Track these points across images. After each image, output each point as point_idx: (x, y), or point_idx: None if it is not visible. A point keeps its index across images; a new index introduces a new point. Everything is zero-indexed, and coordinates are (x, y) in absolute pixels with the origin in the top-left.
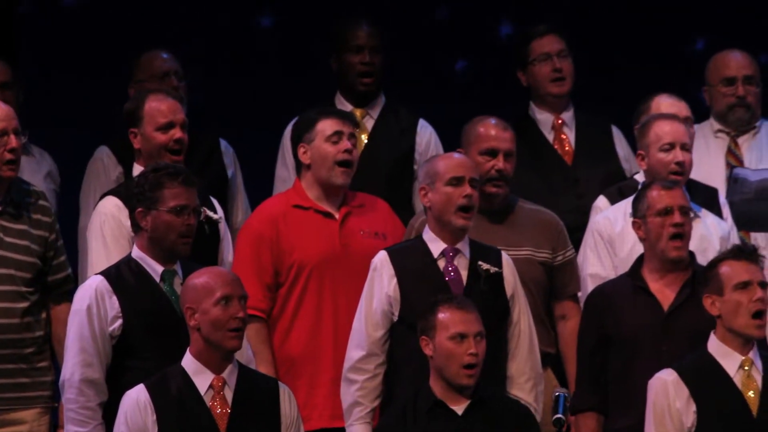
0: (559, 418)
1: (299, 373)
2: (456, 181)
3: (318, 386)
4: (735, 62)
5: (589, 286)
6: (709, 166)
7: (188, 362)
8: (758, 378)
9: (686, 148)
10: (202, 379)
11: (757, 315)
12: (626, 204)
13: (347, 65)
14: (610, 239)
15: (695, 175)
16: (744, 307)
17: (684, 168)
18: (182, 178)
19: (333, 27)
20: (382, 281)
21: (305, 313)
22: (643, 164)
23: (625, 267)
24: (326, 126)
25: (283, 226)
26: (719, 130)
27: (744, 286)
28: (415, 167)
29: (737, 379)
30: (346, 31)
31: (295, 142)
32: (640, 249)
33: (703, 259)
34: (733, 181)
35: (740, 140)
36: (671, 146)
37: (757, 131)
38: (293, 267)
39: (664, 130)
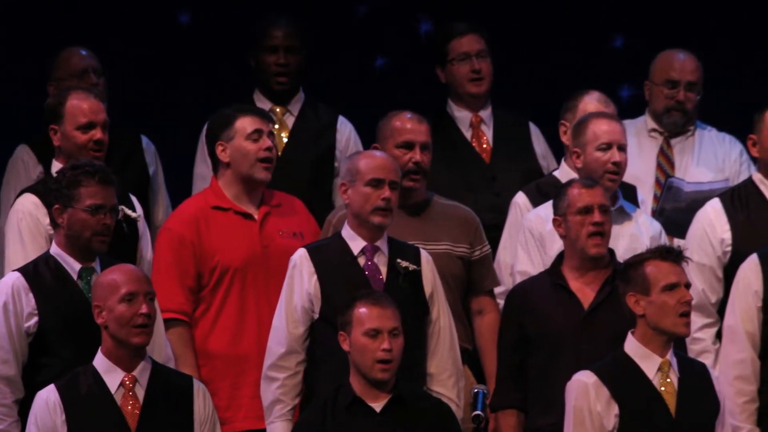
0: (478, 415)
1: (223, 374)
2: (376, 183)
3: (242, 387)
4: (680, 66)
5: (518, 283)
6: (640, 165)
7: (99, 361)
8: (675, 380)
9: (623, 148)
10: (113, 378)
11: (684, 315)
12: None
13: (263, 64)
14: (541, 237)
15: (626, 171)
16: (672, 308)
17: (620, 168)
18: (99, 176)
19: (251, 25)
20: (302, 278)
21: (228, 314)
22: (579, 162)
23: None
24: (246, 124)
25: (204, 228)
26: (653, 129)
27: (672, 287)
28: (336, 164)
29: (656, 381)
30: (263, 30)
31: (212, 140)
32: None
33: None
34: (667, 188)
35: (673, 141)
36: (608, 146)
37: (691, 135)
38: (216, 270)
39: (602, 129)
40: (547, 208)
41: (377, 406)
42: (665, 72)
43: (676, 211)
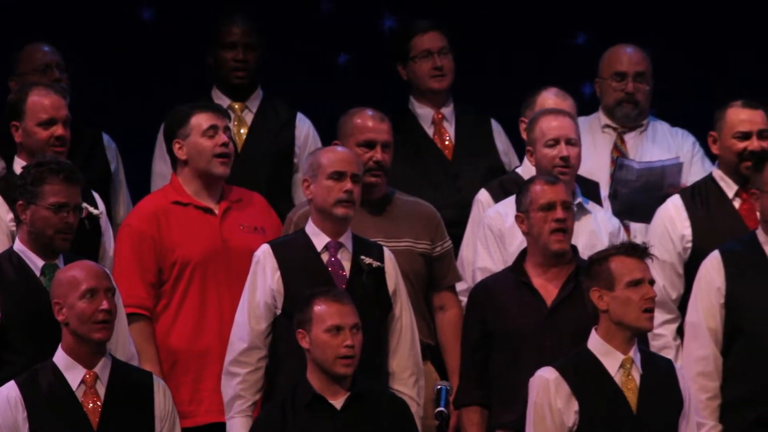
0: (441, 411)
1: (184, 369)
2: (337, 176)
3: (204, 381)
4: (627, 58)
5: (478, 279)
6: (595, 161)
7: (60, 357)
8: (637, 377)
9: (572, 142)
10: (74, 374)
11: (648, 310)
12: None
13: (222, 61)
14: (501, 233)
15: (580, 168)
16: (636, 304)
17: (569, 163)
18: (64, 175)
19: (210, 22)
20: (265, 274)
21: (189, 309)
22: (532, 160)
23: None
24: (201, 120)
25: (164, 224)
26: (606, 125)
27: (636, 283)
28: (295, 161)
29: (618, 378)
30: (220, 27)
31: (169, 137)
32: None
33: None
34: (618, 167)
35: (627, 137)
36: (556, 141)
37: (644, 129)
38: (176, 264)
39: (550, 126)
40: (506, 205)
41: (337, 404)
42: (612, 66)
43: (631, 192)
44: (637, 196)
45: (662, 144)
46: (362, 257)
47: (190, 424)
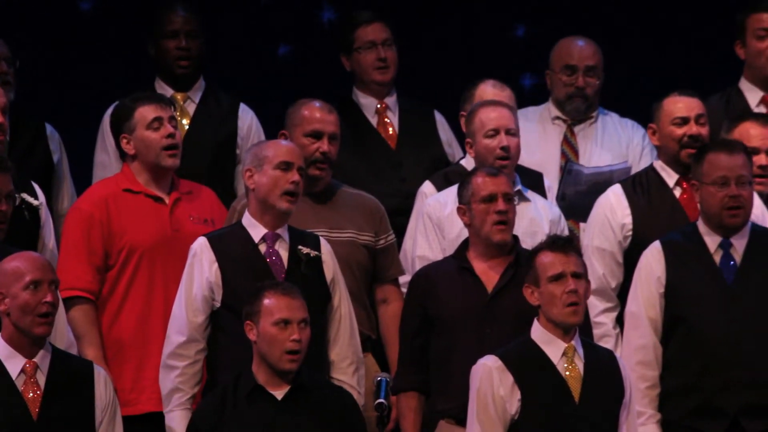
0: (381, 403)
1: (128, 356)
2: (285, 166)
3: (147, 369)
4: (578, 51)
5: (417, 267)
6: (544, 152)
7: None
8: (580, 365)
9: (512, 132)
10: (14, 364)
11: (572, 304)
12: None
13: (164, 50)
14: (439, 222)
15: (530, 159)
16: (558, 299)
17: (509, 153)
18: None
19: (150, 12)
20: (202, 267)
21: (135, 296)
22: (471, 152)
23: (453, 249)
24: (145, 113)
25: (113, 209)
26: (557, 117)
27: (557, 278)
28: (237, 151)
29: (560, 367)
30: (162, 16)
31: (116, 132)
32: (468, 232)
33: (532, 242)
34: (567, 172)
35: (576, 129)
36: (496, 132)
37: (594, 121)
38: (124, 250)
39: (489, 117)
40: (446, 194)
41: (278, 394)
42: (563, 59)
43: (578, 194)
44: (584, 198)
45: (612, 136)
46: (299, 247)
47: (131, 412)
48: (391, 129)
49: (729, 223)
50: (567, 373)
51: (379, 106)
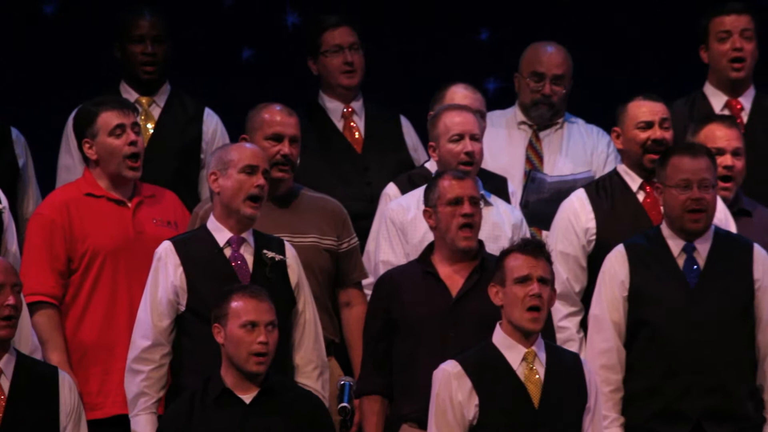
0: (345, 407)
1: (93, 360)
2: (250, 170)
3: (112, 373)
4: (547, 59)
5: (380, 272)
6: (509, 157)
7: None
8: (541, 370)
9: (476, 138)
10: None
11: (532, 309)
12: (420, 192)
13: (129, 55)
14: (402, 226)
15: (495, 163)
16: (520, 301)
17: (474, 158)
18: None
19: (116, 16)
20: (167, 271)
21: (99, 300)
22: (435, 155)
23: (416, 254)
24: (108, 119)
25: (75, 213)
26: (522, 122)
27: (523, 280)
28: (202, 156)
29: (520, 372)
30: (127, 20)
31: (79, 136)
32: (431, 236)
33: (495, 246)
34: (530, 181)
35: (542, 134)
36: (460, 137)
37: (560, 127)
38: (86, 254)
39: (453, 121)
40: (409, 198)
41: (247, 398)
42: (532, 65)
43: (541, 202)
44: (547, 206)
45: (577, 142)
46: (264, 251)
47: (97, 416)
48: (357, 133)
49: (690, 227)
50: (527, 377)
51: (345, 110)
